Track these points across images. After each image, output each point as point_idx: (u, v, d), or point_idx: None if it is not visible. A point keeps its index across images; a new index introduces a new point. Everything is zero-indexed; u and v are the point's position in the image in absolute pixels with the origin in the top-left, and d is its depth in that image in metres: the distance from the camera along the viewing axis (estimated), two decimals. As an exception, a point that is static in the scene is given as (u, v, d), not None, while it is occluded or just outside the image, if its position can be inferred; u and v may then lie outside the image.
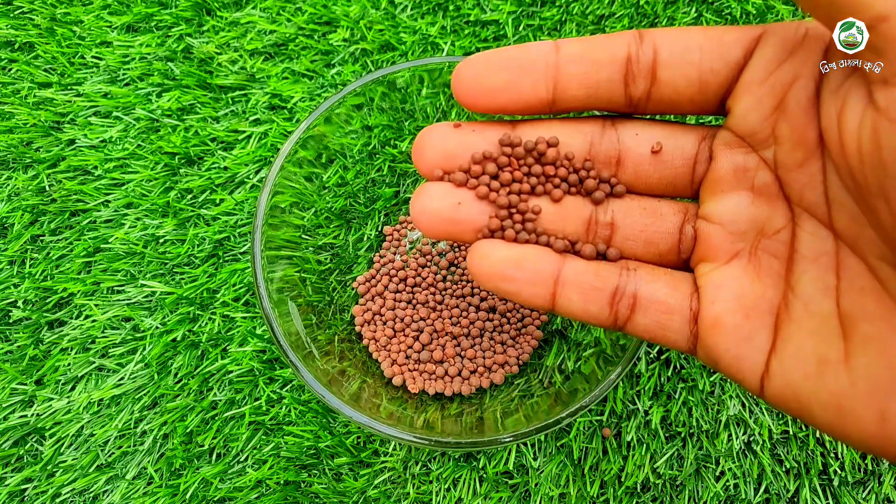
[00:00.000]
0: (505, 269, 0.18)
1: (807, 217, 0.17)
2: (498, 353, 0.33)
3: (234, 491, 0.32)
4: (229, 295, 0.35)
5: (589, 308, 0.18)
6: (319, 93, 0.40)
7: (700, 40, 0.17)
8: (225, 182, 0.38)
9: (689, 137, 0.19)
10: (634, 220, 0.19)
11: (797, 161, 0.16)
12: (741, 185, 0.18)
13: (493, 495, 0.31)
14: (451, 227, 0.19)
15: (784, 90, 0.16)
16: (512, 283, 0.18)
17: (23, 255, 0.37)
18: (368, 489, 0.32)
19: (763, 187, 0.17)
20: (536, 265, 0.18)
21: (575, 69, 0.18)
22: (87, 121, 0.40)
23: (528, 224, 0.19)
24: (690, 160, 0.19)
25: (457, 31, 0.42)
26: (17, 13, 0.43)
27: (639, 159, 0.19)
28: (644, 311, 0.18)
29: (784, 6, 0.41)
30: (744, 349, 0.17)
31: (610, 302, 0.18)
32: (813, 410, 0.16)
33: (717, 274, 0.18)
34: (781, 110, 0.17)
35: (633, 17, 0.42)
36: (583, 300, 0.18)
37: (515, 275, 0.18)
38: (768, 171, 0.17)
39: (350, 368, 0.30)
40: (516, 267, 0.18)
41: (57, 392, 0.34)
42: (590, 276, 0.18)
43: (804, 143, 0.16)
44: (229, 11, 0.43)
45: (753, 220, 0.17)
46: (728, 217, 0.18)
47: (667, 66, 0.18)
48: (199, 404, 0.33)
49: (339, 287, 0.34)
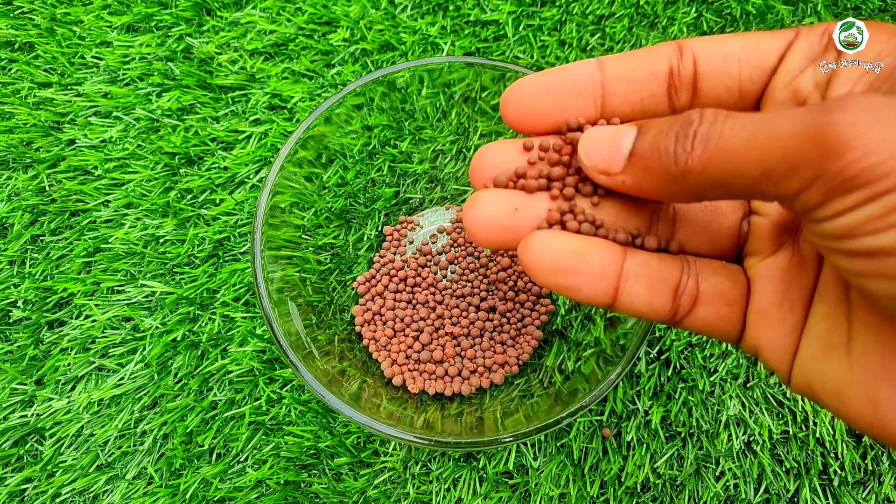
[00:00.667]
0: (567, 261, 0.17)
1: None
2: (498, 353, 0.33)
3: (234, 491, 0.32)
4: (229, 295, 0.35)
5: (653, 302, 0.18)
6: (319, 93, 0.40)
7: (738, 50, 0.18)
8: (225, 182, 0.38)
9: None
10: (696, 217, 0.19)
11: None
12: None
13: (493, 495, 0.31)
14: (509, 235, 0.18)
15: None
16: (575, 276, 0.17)
17: (23, 255, 0.37)
18: (368, 489, 0.32)
19: None
20: (600, 257, 0.17)
21: (620, 88, 0.18)
22: (87, 121, 0.40)
23: (588, 214, 0.18)
24: None
25: (457, 31, 0.42)
26: (17, 13, 0.43)
27: None
28: (707, 304, 0.18)
29: (784, 6, 0.41)
30: (786, 340, 0.17)
31: (674, 295, 0.18)
32: (822, 398, 0.16)
33: (764, 266, 0.18)
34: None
35: (633, 17, 0.42)
36: (648, 293, 0.18)
37: (579, 267, 0.17)
38: None
39: (350, 368, 0.30)
40: (579, 259, 0.17)
41: (57, 392, 0.34)
42: (654, 267, 0.18)
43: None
44: (229, 11, 0.43)
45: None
46: (774, 209, 0.18)
47: (707, 78, 0.18)
48: (199, 404, 0.33)
49: (339, 287, 0.34)
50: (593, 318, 0.31)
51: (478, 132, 0.36)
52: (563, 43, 0.42)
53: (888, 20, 0.41)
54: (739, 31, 0.41)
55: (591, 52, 0.41)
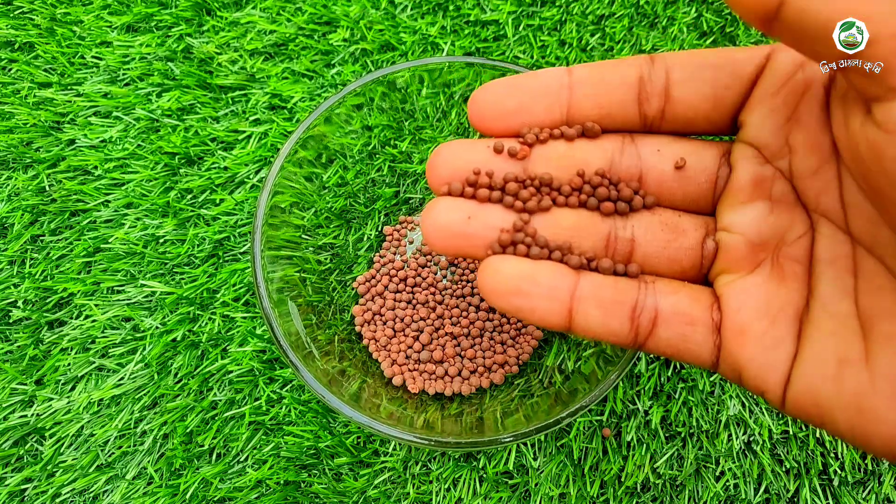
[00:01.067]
0: (518, 284, 0.17)
1: (824, 222, 0.17)
2: (498, 353, 0.33)
3: (234, 491, 0.32)
4: (229, 295, 0.35)
5: (609, 323, 0.18)
6: (319, 93, 0.40)
7: (712, 59, 0.18)
8: (225, 182, 0.38)
9: (711, 153, 0.19)
10: (656, 236, 0.19)
11: (812, 168, 0.17)
12: (760, 195, 0.18)
13: (493, 495, 0.31)
14: (461, 242, 0.18)
15: (796, 100, 0.17)
16: (526, 298, 0.17)
17: (23, 255, 0.37)
18: (368, 489, 0.32)
19: (781, 196, 0.17)
20: (551, 280, 0.18)
21: (588, 90, 0.18)
22: (87, 121, 0.40)
23: (539, 238, 0.18)
24: (713, 175, 0.19)
25: (457, 31, 0.42)
26: (17, 13, 0.44)
27: (661, 176, 0.19)
28: (666, 324, 0.18)
29: (784, 6, 0.41)
30: (770, 356, 0.16)
31: (631, 316, 0.18)
32: (834, 414, 0.15)
33: (741, 283, 0.18)
34: (794, 120, 0.17)
35: (633, 17, 0.42)
36: (603, 315, 0.18)
37: (529, 290, 0.17)
38: (784, 180, 0.17)
39: (350, 368, 0.30)
40: (530, 282, 0.17)
41: (57, 392, 0.34)
42: (609, 289, 0.18)
43: (818, 151, 0.16)
44: (229, 11, 0.43)
45: (774, 229, 0.17)
46: (749, 227, 0.18)
47: (680, 84, 0.18)
48: (199, 404, 0.33)
49: (339, 287, 0.34)
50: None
51: (478, 132, 0.36)
52: (563, 43, 0.42)
53: (888, 20, 0.41)
54: (739, 31, 0.41)
55: (590, 52, 0.41)
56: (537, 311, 0.18)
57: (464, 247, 0.18)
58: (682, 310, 0.18)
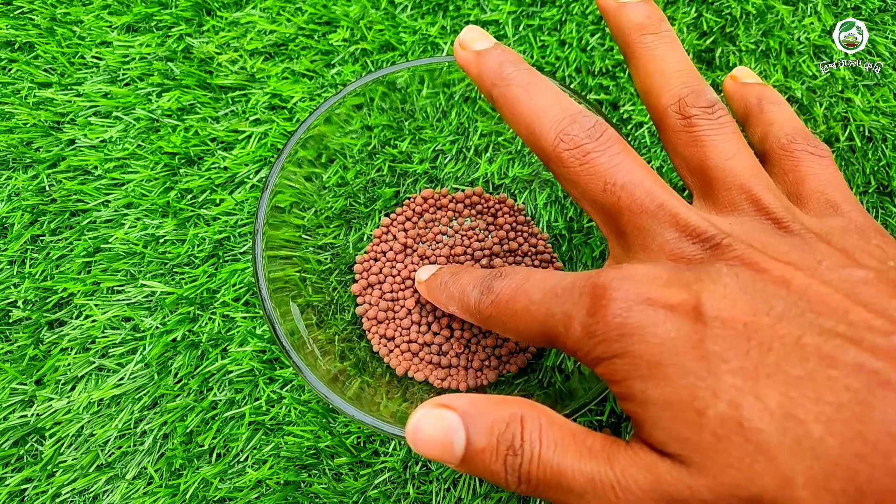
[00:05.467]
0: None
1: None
2: (509, 341, 0.33)
3: (234, 491, 0.32)
4: (229, 295, 0.35)
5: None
6: (319, 93, 0.40)
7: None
8: (225, 182, 0.38)
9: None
10: None
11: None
12: None
13: (493, 495, 0.31)
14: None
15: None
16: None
17: (23, 255, 0.37)
18: (368, 489, 0.32)
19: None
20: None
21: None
22: (87, 121, 0.40)
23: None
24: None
25: (457, 31, 0.42)
26: (17, 13, 0.44)
27: None
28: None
29: (784, 6, 0.41)
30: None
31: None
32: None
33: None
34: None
35: (632, 18, 0.42)
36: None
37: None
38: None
39: (350, 368, 0.30)
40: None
41: (57, 392, 0.34)
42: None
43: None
44: (229, 11, 0.43)
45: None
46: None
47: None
48: (199, 404, 0.33)
49: (340, 287, 0.34)
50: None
51: (478, 132, 0.36)
52: (563, 43, 0.42)
53: (888, 20, 0.41)
54: (739, 30, 0.41)
55: (590, 52, 0.41)
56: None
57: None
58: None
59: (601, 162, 0.20)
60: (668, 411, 0.16)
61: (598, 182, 0.20)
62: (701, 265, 0.18)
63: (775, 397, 0.15)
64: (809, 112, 0.39)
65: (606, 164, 0.20)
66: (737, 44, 0.41)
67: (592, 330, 0.18)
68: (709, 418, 0.15)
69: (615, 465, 0.17)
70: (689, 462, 0.16)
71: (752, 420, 0.15)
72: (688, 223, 0.19)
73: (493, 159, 0.36)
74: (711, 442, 0.15)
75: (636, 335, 0.17)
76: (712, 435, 0.15)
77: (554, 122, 0.21)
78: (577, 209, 0.35)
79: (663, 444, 0.16)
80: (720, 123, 0.21)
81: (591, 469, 0.17)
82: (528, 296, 0.20)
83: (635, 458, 0.17)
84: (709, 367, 0.15)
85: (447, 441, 0.18)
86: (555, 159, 0.21)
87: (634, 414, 0.17)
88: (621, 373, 0.17)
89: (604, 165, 0.20)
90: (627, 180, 0.20)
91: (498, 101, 0.23)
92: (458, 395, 0.19)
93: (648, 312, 0.17)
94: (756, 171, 0.21)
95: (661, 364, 0.16)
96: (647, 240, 0.19)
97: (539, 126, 0.21)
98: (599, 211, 0.21)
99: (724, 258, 0.17)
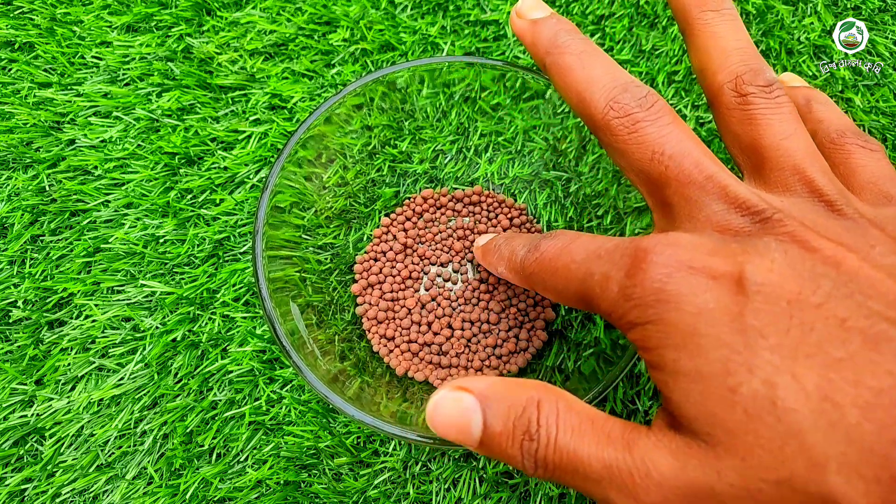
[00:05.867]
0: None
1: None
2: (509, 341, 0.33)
3: (234, 491, 0.32)
4: (229, 295, 0.35)
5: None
6: (319, 93, 0.40)
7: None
8: (225, 182, 0.38)
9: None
10: None
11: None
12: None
13: (493, 495, 0.31)
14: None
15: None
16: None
17: (23, 255, 0.37)
18: (368, 489, 0.32)
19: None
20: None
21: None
22: (87, 121, 0.40)
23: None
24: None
25: (457, 31, 0.42)
26: (17, 13, 0.44)
27: None
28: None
29: (784, 6, 0.41)
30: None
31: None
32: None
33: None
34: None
35: (633, 17, 0.42)
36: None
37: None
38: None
39: (350, 368, 0.30)
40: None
41: (57, 392, 0.34)
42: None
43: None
44: (229, 11, 0.43)
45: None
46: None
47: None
48: (199, 404, 0.33)
49: (340, 287, 0.34)
50: (593, 318, 0.31)
51: (478, 132, 0.36)
52: (563, 43, 0.42)
53: (888, 20, 0.41)
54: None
55: (591, 52, 0.41)
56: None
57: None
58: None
59: (650, 131, 0.20)
60: (699, 384, 0.15)
61: (645, 151, 0.20)
62: (748, 238, 0.17)
63: (813, 378, 0.14)
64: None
65: (655, 133, 0.20)
66: (737, 44, 0.41)
67: (629, 293, 0.17)
68: (741, 395, 0.15)
69: (634, 451, 0.16)
70: (717, 442, 0.15)
71: (787, 400, 0.14)
72: (737, 195, 0.18)
73: (493, 159, 0.36)
74: (742, 420, 0.15)
75: (672, 302, 0.16)
76: (743, 413, 0.15)
77: (605, 91, 0.21)
78: (577, 209, 0.35)
79: (691, 419, 0.16)
80: (777, 103, 0.21)
81: (608, 455, 0.17)
82: (570, 255, 0.20)
83: (658, 443, 0.16)
84: (746, 341, 0.15)
85: (465, 423, 0.18)
86: (603, 127, 0.21)
87: (664, 384, 0.17)
88: (654, 340, 0.17)
89: (653, 135, 0.20)
90: (676, 150, 0.19)
91: (551, 70, 0.23)
92: (476, 378, 0.19)
93: (689, 280, 0.16)
94: (811, 152, 0.20)
95: (695, 334, 0.16)
96: (693, 210, 0.19)
97: (590, 94, 0.21)
98: (645, 181, 0.21)
99: (774, 233, 0.17)
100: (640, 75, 0.40)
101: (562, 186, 0.35)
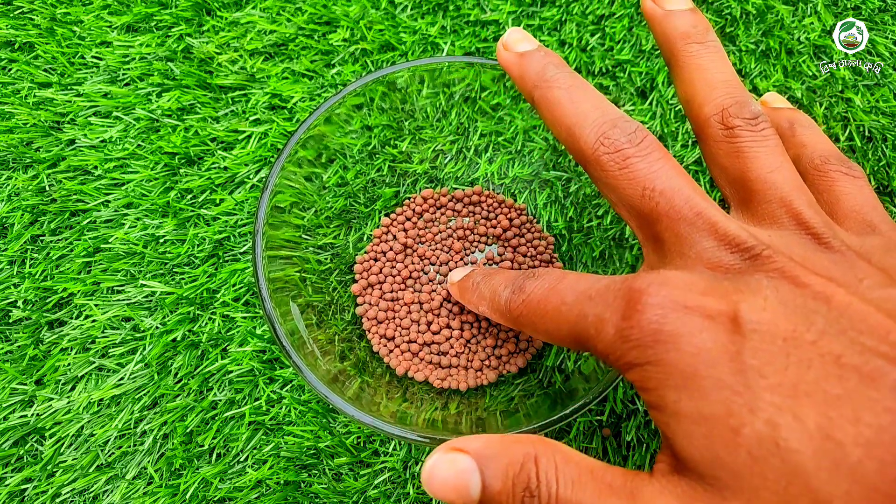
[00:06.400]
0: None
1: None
2: (509, 340, 0.33)
3: (234, 491, 0.32)
4: (229, 295, 0.35)
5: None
6: (319, 93, 0.40)
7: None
8: (225, 182, 0.38)
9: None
10: None
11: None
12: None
13: (493, 495, 0.31)
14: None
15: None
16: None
17: (23, 255, 0.37)
18: (368, 489, 0.32)
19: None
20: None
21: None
22: (87, 121, 0.40)
23: None
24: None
25: (457, 31, 0.42)
26: (17, 13, 0.44)
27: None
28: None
29: (784, 6, 0.41)
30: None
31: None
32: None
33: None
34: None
35: (633, 17, 0.42)
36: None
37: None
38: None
39: (350, 368, 0.30)
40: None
41: (57, 392, 0.34)
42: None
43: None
44: (229, 11, 0.43)
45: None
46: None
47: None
48: (199, 404, 0.33)
49: (340, 287, 0.34)
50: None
51: (478, 132, 0.36)
52: (563, 43, 0.42)
53: (888, 20, 0.41)
54: (739, 30, 0.41)
55: (590, 52, 0.41)
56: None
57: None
58: None
59: (641, 167, 0.20)
60: (701, 426, 0.15)
61: (636, 187, 0.20)
62: (739, 275, 0.17)
63: (814, 417, 0.14)
64: (809, 112, 0.39)
65: (646, 169, 0.20)
66: (737, 44, 0.41)
67: (626, 334, 0.17)
68: (744, 437, 0.15)
69: (639, 500, 0.16)
70: (723, 485, 0.15)
71: (790, 440, 0.14)
72: (727, 232, 0.18)
73: (493, 159, 0.36)
74: (746, 462, 0.15)
75: (671, 342, 0.16)
76: (747, 454, 0.15)
77: (595, 126, 0.21)
78: (577, 209, 0.35)
79: (696, 462, 0.16)
80: (763, 136, 0.21)
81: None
82: (560, 296, 0.20)
83: (663, 490, 0.16)
84: (746, 381, 0.15)
85: (463, 485, 0.18)
86: (594, 162, 0.21)
87: (665, 425, 0.17)
88: (654, 381, 0.17)
89: (643, 171, 0.20)
90: (667, 186, 0.20)
91: (539, 103, 0.23)
92: (471, 438, 0.19)
93: (685, 320, 0.16)
94: (798, 185, 0.20)
95: (696, 375, 0.16)
96: (684, 247, 0.19)
97: (579, 129, 0.21)
98: (636, 216, 0.21)
99: (764, 270, 0.17)
100: (640, 75, 0.40)
101: (562, 186, 0.35)
